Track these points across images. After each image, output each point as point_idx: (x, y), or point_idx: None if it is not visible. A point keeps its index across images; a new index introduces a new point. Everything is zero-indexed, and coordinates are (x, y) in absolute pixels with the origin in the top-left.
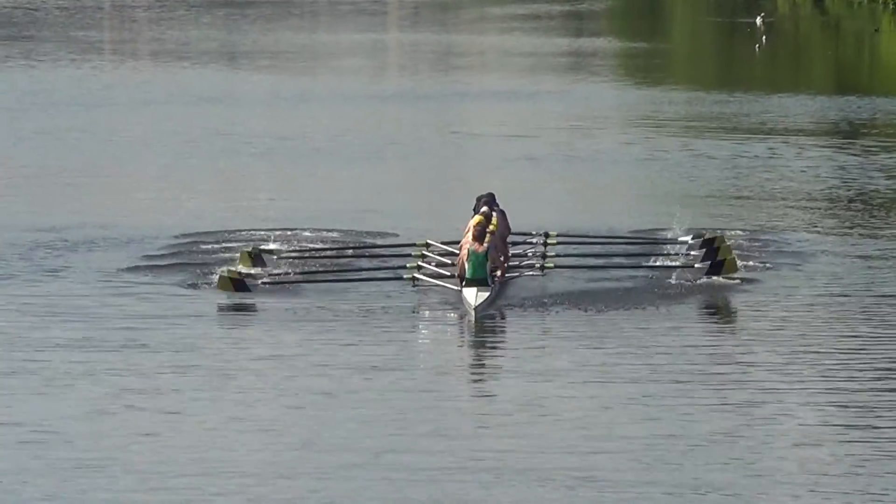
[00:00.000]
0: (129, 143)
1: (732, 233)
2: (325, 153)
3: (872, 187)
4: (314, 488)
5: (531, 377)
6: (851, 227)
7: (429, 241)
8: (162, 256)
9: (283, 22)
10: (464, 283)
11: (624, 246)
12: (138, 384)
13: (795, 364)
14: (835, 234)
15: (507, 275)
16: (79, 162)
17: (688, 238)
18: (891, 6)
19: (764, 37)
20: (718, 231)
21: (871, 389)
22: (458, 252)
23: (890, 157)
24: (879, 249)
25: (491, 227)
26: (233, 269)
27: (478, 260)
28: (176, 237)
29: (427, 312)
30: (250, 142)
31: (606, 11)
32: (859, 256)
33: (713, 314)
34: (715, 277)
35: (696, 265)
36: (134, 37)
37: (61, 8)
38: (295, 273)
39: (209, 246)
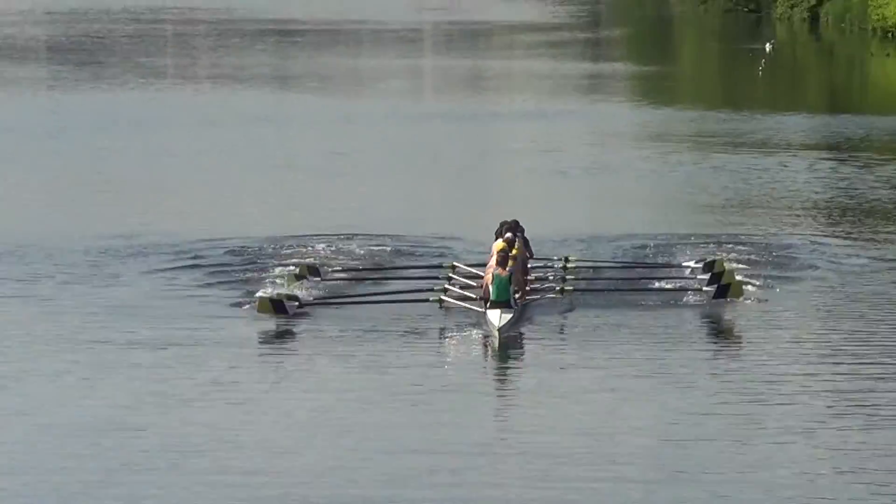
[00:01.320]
0: (189, 158)
1: (740, 237)
2: (365, 169)
3: (868, 197)
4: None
5: (553, 395)
6: (849, 235)
7: (455, 264)
8: (216, 262)
9: (329, 48)
10: (488, 304)
11: (638, 270)
12: (176, 384)
13: (801, 368)
14: (835, 241)
15: (528, 297)
16: (143, 176)
17: (693, 264)
18: (878, 33)
19: (764, 60)
20: (723, 249)
21: (877, 390)
22: (482, 275)
23: (883, 170)
24: (877, 255)
25: (513, 252)
26: (272, 292)
27: (501, 283)
28: (230, 244)
29: (453, 333)
30: (298, 158)
31: (623, 38)
32: (858, 262)
33: (724, 329)
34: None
35: (703, 288)
36: (193, 62)
37: (127, 36)
38: (329, 296)
39: (259, 252)
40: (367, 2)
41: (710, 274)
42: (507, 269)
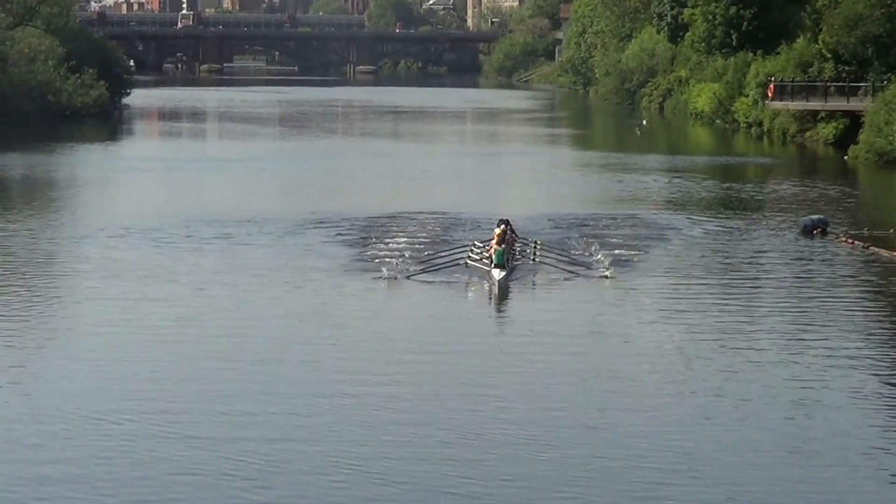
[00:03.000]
0: (347, 173)
1: (628, 217)
2: (435, 179)
3: (696, 196)
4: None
5: (527, 313)
6: (688, 216)
7: (475, 241)
8: (348, 234)
9: (418, 119)
10: (492, 265)
11: (568, 251)
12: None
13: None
14: (680, 219)
15: (514, 262)
16: (324, 182)
17: (598, 253)
18: (693, 115)
19: (639, 129)
20: (618, 224)
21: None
22: (489, 247)
23: (703, 182)
24: (708, 227)
25: (505, 235)
26: (388, 270)
27: (499, 254)
28: (364, 217)
29: (474, 280)
30: (402, 172)
31: (565, 116)
32: (698, 231)
33: (611, 279)
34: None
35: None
36: (351, 126)
37: (318, 112)
38: (410, 266)
39: (374, 225)
40: (438, 97)
41: (605, 256)
42: (503, 245)
